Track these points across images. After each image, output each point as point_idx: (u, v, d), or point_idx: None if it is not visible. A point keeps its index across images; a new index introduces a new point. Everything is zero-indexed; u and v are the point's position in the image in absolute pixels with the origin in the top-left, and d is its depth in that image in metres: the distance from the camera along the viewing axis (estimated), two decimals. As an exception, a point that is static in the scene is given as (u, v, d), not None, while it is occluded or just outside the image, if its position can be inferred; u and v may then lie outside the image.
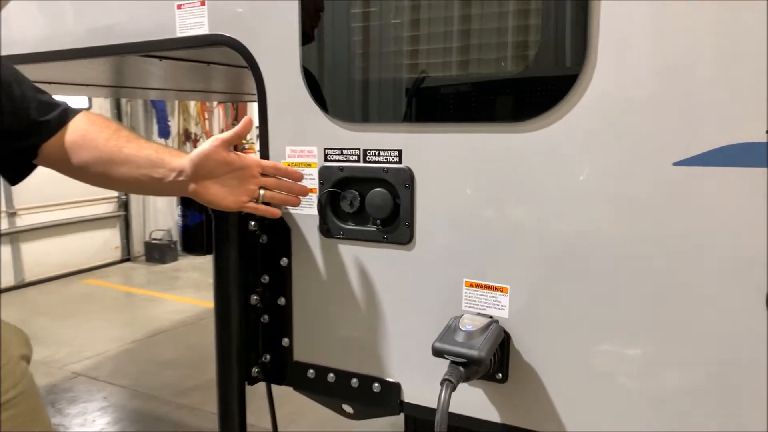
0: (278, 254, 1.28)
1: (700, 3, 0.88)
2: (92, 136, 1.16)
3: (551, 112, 0.98)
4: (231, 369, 1.31)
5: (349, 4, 1.12)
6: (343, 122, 1.17)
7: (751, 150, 0.87)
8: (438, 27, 1.06)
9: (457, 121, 1.07)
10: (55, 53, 1.54)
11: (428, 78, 1.09)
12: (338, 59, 1.16)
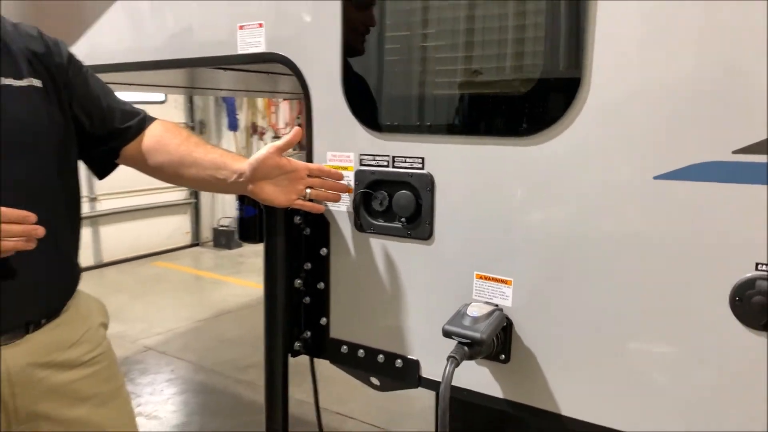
0: (319, 245, 1.47)
1: (681, 40, 1.01)
2: (165, 141, 1.38)
3: (549, 130, 1.13)
4: (276, 342, 1.52)
5: (382, 34, 1.30)
6: (376, 132, 1.35)
7: (720, 167, 1.00)
8: (455, 52, 1.22)
9: (471, 135, 1.23)
10: (138, 64, 1.78)
11: (447, 96, 1.25)
12: (372, 79, 1.34)
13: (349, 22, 1.34)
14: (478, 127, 1.22)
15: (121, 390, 1.45)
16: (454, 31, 1.22)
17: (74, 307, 1.38)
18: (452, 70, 1.24)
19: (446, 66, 1.25)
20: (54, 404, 1.28)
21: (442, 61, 1.25)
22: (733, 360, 1.02)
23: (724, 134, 0.98)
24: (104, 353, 1.43)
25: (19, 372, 1.22)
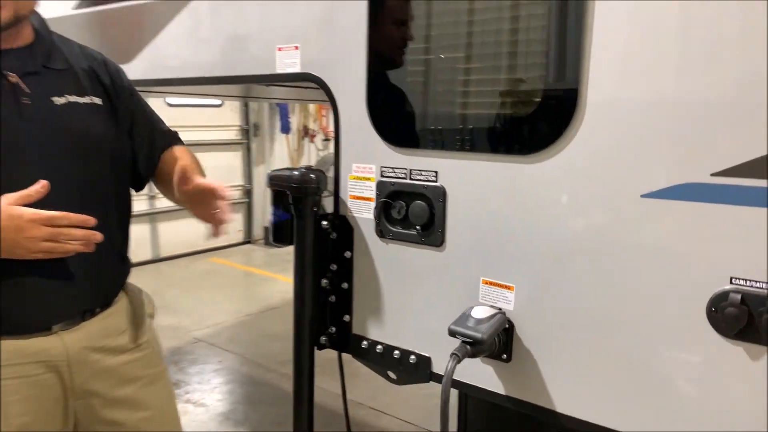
0: (343, 248, 1.61)
1: (662, 75, 1.10)
2: (175, 160, 1.58)
3: (547, 150, 1.23)
4: (304, 336, 1.66)
5: (401, 60, 1.43)
6: (396, 147, 1.47)
7: (699, 189, 1.08)
8: (464, 76, 1.34)
9: (479, 152, 1.34)
10: (195, 79, 1.96)
11: (457, 116, 1.37)
12: (393, 99, 1.47)
13: (373, 48, 1.47)
14: (486, 145, 1.34)
15: (163, 374, 1.62)
16: (460, 59, 1.34)
17: (124, 298, 1.56)
18: (462, 93, 1.35)
19: (456, 88, 1.36)
20: (105, 383, 1.46)
21: (453, 84, 1.37)
22: (710, 366, 1.10)
23: (704, 158, 1.07)
24: (149, 340, 1.60)
25: (76, 354, 1.40)
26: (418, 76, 1.43)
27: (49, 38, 1.47)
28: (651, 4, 1.10)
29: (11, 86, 1.34)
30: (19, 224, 1.24)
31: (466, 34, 1.34)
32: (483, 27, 1.32)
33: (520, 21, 1.27)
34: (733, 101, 1.04)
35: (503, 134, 1.32)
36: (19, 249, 1.26)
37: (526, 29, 1.26)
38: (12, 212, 1.24)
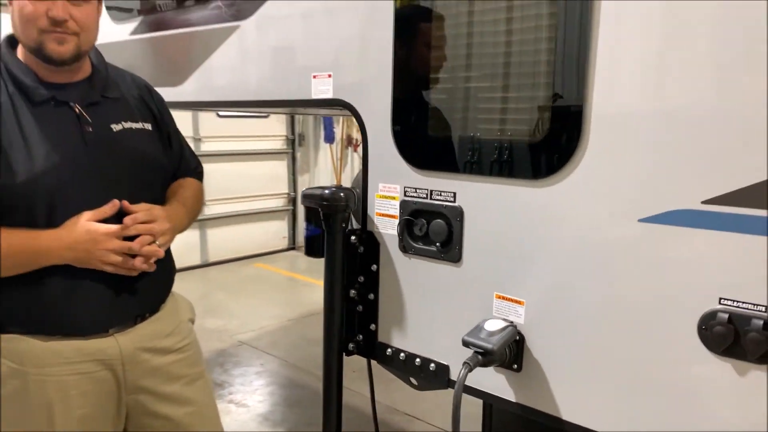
0: (370, 262, 1.73)
1: (655, 111, 1.19)
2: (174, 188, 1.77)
3: (555, 176, 1.33)
4: (333, 342, 1.79)
5: (423, 90, 1.55)
6: (418, 169, 1.59)
7: (691, 215, 1.16)
8: (481, 103, 1.45)
9: (493, 175, 1.45)
10: (240, 102, 2.13)
11: (474, 143, 1.48)
12: (415, 125, 1.59)
13: (397, 78, 1.60)
14: (499, 169, 1.44)
15: (203, 373, 1.77)
16: (473, 91, 1.45)
17: (169, 305, 1.72)
18: (476, 121, 1.47)
19: (471, 117, 1.47)
20: (153, 381, 1.62)
21: (468, 113, 1.48)
22: (701, 379, 1.18)
23: (694, 187, 1.15)
24: (191, 343, 1.76)
25: (129, 354, 1.57)
26: (438, 103, 1.55)
27: (104, 70, 1.65)
28: (652, 52, 1.19)
29: (76, 116, 1.52)
30: (95, 237, 1.43)
31: (479, 66, 1.45)
32: (495, 60, 1.43)
33: (526, 55, 1.37)
34: (719, 142, 1.12)
35: (514, 160, 1.42)
36: (93, 260, 1.45)
37: (533, 64, 1.36)
38: (89, 227, 1.43)
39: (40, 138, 1.46)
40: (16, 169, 1.42)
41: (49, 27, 1.44)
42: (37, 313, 1.47)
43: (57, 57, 1.47)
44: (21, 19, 1.46)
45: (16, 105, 1.47)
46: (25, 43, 1.49)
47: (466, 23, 1.47)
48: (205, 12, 2.15)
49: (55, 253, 1.44)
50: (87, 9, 1.51)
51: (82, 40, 1.50)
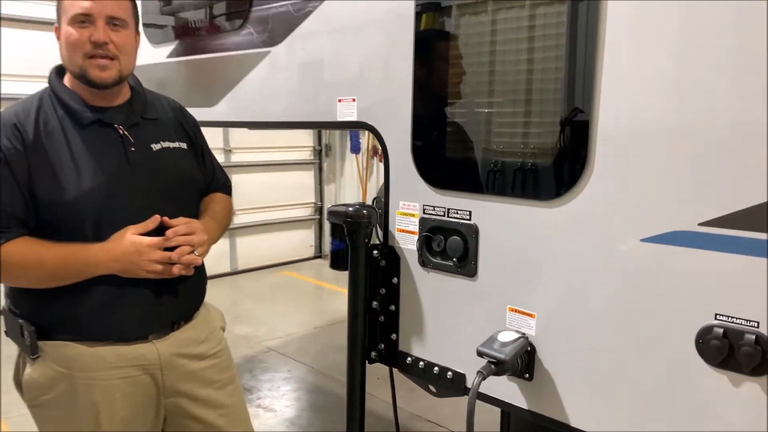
0: (391, 275, 1.84)
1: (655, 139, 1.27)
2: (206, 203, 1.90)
3: (563, 198, 1.42)
4: (357, 351, 1.89)
5: (439, 114, 1.65)
6: (436, 189, 1.69)
7: (689, 236, 1.25)
8: (494, 128, 1.55)
9: (506, 195, 1.54)
10: (270, 123, 2.26)
11: (487, 165, 1.57)
12: (434, 148, 1.69)
13: (416, 103, 1.70)
14: (511, 190, 1.54)
15: (234, 378, 1.89)
16: (486, 116, 1.55)
17: (202, 313, 1.85)
18: (492, 145, 1.56)
19: (487, 141, 1.57)
20: (189, 385, 1.74)
21: (482, 136, 1.58)
22: (699, 389, 1.26)
23: (692, 210, 1.23)
24: (222, 349, 1.88)
25: (167, 359, 1.69)
26: (453, 128, 1.65)
27: (142, 93, 1.79)
28: (656, 80, 1.28)
29: (120, 137, 1.66)
30: (140, 249, 1.57)
31: (492, 93, 1.55)
32: (505, 87, 1.53)
33: (535, 84, 1.47)
34: (712, 169, 1.20)
35: (526, 183, 1.51)
36: (138, 269, 1.58)
37: (540, 91, 1.46)
38: (135, 240, 1.56)
39: (88, 158, 1.60)
40: (66, 187, 1.56)
41: (91, 51, 1.58)
42: (84, 322, 1.61)
43: (100, 82, 1.61)
44: (67, 46, 1.61)
45: (65, 128, 1.61)
46: (71, 69, 1.63)
47: (465, 61, 1.57)
48: (237, 38, 2.28)
49: (103, 265, 1.57)
50: (125, 34, 1.65)
51: (122, 64, 1.64)
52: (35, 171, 1.55)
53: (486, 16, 1.57)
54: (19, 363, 1.68)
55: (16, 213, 1.55)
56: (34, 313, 1.62)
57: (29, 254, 1.55)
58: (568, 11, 1.40)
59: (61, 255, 1.55)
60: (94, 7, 1.57)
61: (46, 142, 1.58)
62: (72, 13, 1.58)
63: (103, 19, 1.59)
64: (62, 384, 1.60)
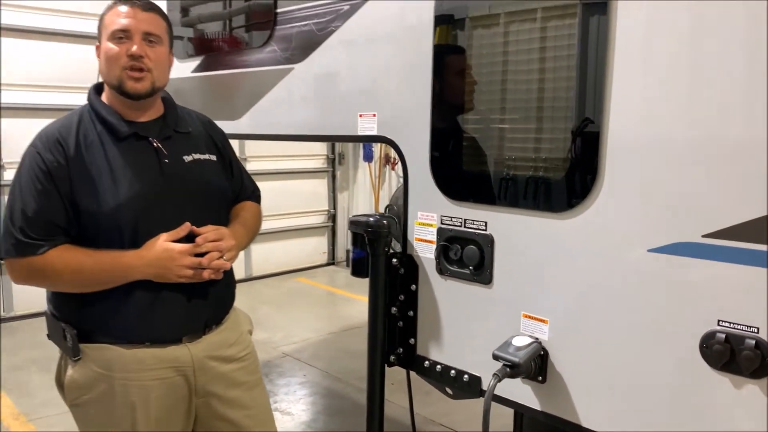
0: (410, 282, 1.93)
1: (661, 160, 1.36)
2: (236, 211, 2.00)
3: (574, 210, 1.51)
4: (377, 354, 1.98)
5: (457, 131, 1.75)
6: (453, 200, 1.78)
7: (693, 246, 1.33)
8: (509, 142, 1.64)
9: (520, 207, 1.63)
10: (293, 136, 2.36)
11: (502, 178, 1.66)
12: (451, 162, 1.78)
13: (434, 119, 1.80)
14: (525, 202, 1.62)
15: (260, 380, 1.99)
16: (499, 132, 1.65)
17: (232, 317, 1.95)
18: (506, 158, 1.65)
19: (502, 155, 1.66)
20: (220, 386, 1.84)
21: (497, 151, 1.67)
22: (702, 391, 1.34)
23: (696, 222, 1.32)
24: (250, 352, 1.98)
25: (199, 361, 1.79)
26: (471, 141, 1.74)
27: (175, 109, 1.90)
28: (658, 101, 1.37)
29: (155, 149, 1.76)
30: (172, 255, 1.66)
31: (506, 107, 1.65)
32: (518, 101, 1.62)
33: (549, 102, 1.56)
34: (714, 183, 1.29)
35: (539, 195, 1.60)
36: (171, 274, 1.68)
37: (551, 109, 1.55)
38: (167, 246, 1.66)
39: (125, 169, 1.70)
40: (105, 196, 1.67)
41: (128, 63, 1.70)
42: (123, 326, 1.71)
43: (134, 93, 1.72)
44: (107, 60, 1.73)
45: (103, 141, 1.72)
46: (109, 81, 1.75)
47: (481, 78, 1.67)
48: (261, 55, 2.39)
49: (138, 270, 1.67)
50: (160, 50, 1.77)
51: (155, 77, 1.75)
52: (76, 182, 1.66)
53: (498, 30, 1.66)
54: (61, 365, 1.78)
55: (59, 222, 1.65)
56: (76, 317, 1.72)
57: (71, 260, 1.65)
58: (579, 25, 1.49)
59: (99, 261, 1.65)
60: (131, 24, 1.70)
61: (85, 155, 1.68)
62: (112, 29, 1.70)
63: (140, 34, 1.70)
64: (101, 384, 1.70)
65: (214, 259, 1.73)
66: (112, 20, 1.72)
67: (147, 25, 1.72)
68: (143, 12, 1.73)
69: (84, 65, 5.76)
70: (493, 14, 1.67)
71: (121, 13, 1.71)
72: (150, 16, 1.74)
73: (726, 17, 1.26)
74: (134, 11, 1.71)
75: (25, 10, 5.62)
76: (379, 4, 1.95)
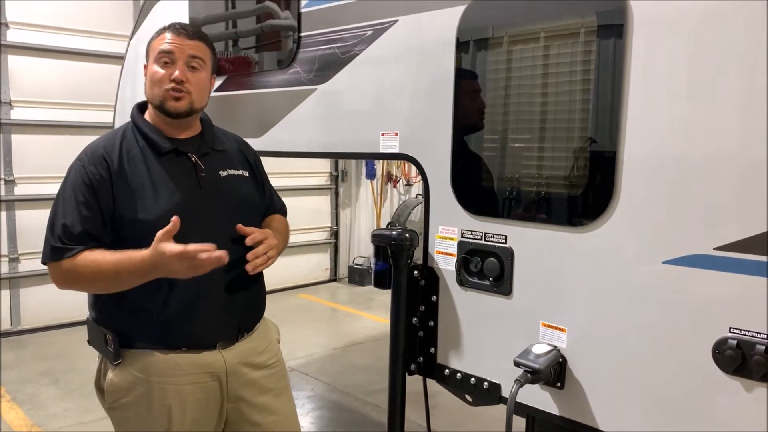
0: (430, 293, 2.02)
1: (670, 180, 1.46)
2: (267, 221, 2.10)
3: (592, 225, 1.61)
4: (398, 363, 2.07)
5: (477, 148, 1.85)
6: (474, 215, 1.88)
7: (705, 258, 1.43)
8: (528, 160, 1.74)
9: (540, 222, 1.73)
10: (317, 153, 2.46)
11: (523, 193, 1.76)
12: (471, 178, 1.88)
13: (456, 137, 1.90)
14: (545, 216, 1.72)
15: (288, 387, 2.07)
16: (519, 151, 1.75)
17: (262, 326, 2.03)
18: (526, 175, 1.76)
19: (521, 171, 1.77)
20: (250, 392, 1.92)
21: (517, 168, 1.77)
22: (716, 395, 1.43)
23: (707, 235, 1.42)
24: (278, 360, 2.06)
25: (232, 367, 1.87)
26: (489, 158, 1.84)
27: (211, 128, 2.00)
28: (671, 121, 1.48)
29: (193, 165, 1.86)
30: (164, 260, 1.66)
31: (525, 126, 1.75)
32: (535, 125, 1.72)
33: (564, 124, 1.67)
34: (728, 197, 1.39)
35: (557, 210, 1.70)
36: (173, 273, 1.69)
37: (568, 131, 1.66)
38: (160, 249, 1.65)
39: (165, 181, 1.80)
40: (146, 207, 1.76)
41: (170, 86, 1.80)
42: (162, 332, 1.79)
43: (174, 111, 1.83)
44: (152, 82, 1.84)
45: (145, 156, 1.82)
46: (152, 100, 1.85)
47: (501, 97, 1.78)
48: (285, 76, 2.50)
49: (146, 270, 1.69)
50: (201, 75, 1.88)
51: (194, 98, 1.85)
52: (119, 193, 1.76)
53: (517, 51, 1.77)
54: (101, 369, 1.86)
55: (91, 231, 1.74)
56: (117, 323, 1.80)
57: (93, 261, 1.71)
58: (596, 50, 1.59)
59: (114, 261, 1.71)
60: (176, 51, 1.81)
61: (128, 168, 1.78)
62: (158, 52, 1.81)
63: (184, 59, 1.81)
64: (140, 388, 1.78)
65: (259, 255, 1.84)
66: (160, 46, 1.83)
67: (191, 51, 1.85)
68: (189, 39, 1.84)
69: (94, 83, 5.92)
70: (510, 36, 1.78)
71: (168, 40, 1.83)
72: (194, 44, 1.85)
73: (739, 42, 1.38)
74: (180, 39, 1.83)
75: (36, 29, 5.74)
76: (401, 30, 2.06)
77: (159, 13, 3.14)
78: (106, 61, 5.87)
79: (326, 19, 2.31)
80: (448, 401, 2.02)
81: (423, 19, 1.98)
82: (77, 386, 4.44)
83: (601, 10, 1.58)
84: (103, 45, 6.03)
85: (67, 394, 4.38)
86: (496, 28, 1.80)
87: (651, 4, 1.49)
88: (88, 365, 2.05)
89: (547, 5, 1.69)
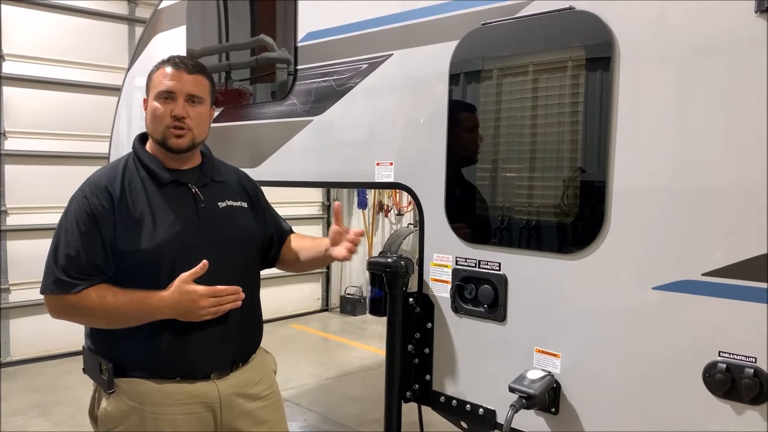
0: (425, 320, 2.04)
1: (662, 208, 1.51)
2: (290, 242, 2.13)
3: (583, 252, 1.65)
4: (394, 390, 2.08)
5: (470, 179, 1.89)
6: (468, 243, 1.92)
7: (694, 284, 1.47)
8: (520, 189, 1.79)
9: (533, 249, 1.77)
10: (313, 183, 2.50)
11: (515, 221, 1.80)
12: (465, 207, 1.92)
13: (450, 168, 1.94)
14: (537, 244, 1.76)
15: (284, 419, 2.07)
16: (511, 180, 1.80)
17: (258, 357, 2.04)
18: (518, 203, 1.80)
19: (514, 200, 1.81)
20: (245, 423, 1.91)
21: (509, 198, 1.82)
22: (707, 418, 1.45)
23: (696, 262, 1.46)
24: (274, 391, 2.06)
25: (226, 398, 1.87)
26: (482, 188, 1.89)
27: (211, 160, 2.04)
28: (658, 151, 1.53)
29: (192, 195, 1.89)
30: (193, 297, 1.75)
31: (516, 156, 1.80)
32: (527, 156, 1.77)
33: (556, 154, 1.71)
34: (715, 224, 1.43)
35: (549, 238, 1.74)
36: (193, 315, 1.76)
37: (559, 161, 1.70)
38: (188, 289, 1.75)
39: (165, 211, 1.83)
40: (146, 236, 1.78)
41: (172, 123, 1.84)
42: (156, 361, 1.80)
43: (176, 147, 1.86)
44: (153, 118, 1.87)
45: (146, 186, 1.85)
46: (154, 136, 1.89)
47: (493, 128, 1.83)
48: (281, 108, 2.55)
49: (160, 311, 1.76)
50: (201, 109, 1.91)
51: (195, 133, 1.89)
52: (120, 222, 1.78)
53: (507, 84, 1.82)
54: (95, 397, 1.86)
55: (98, 262, 1.76)
56: (112, 352, 1.81)
57: (102, 300, 1.75)
58: (584, 83, 1.65)
59: (126, 301, 1.75)
60: (176, 87, 1.84)
61: (129, 198, 1.81)
62: (158, 90, 1.84)
63: (184, 96, 1.85)
64: (133, 417, 1.78)
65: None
66: (159, 81, 1.86)
67: (191, 87, 1.87)
68: (188, 74, 1.87)
69: (87, 114, 5.96)
70: (500, 69, 1.83)
71: (168, 75, 1.86)
72: (194, 78, 1.88)
73: (722, 75, 1.44)
74: (180, 74, 1.86)
75: (31, 61, 5.79)
76: (396, 63, 2.12)
77: (157, 46, 3.20)
78: (99, 92, 5.93)
79: (322, 52, 2.37)
80: (440, 426, 2.02)
81: (417, 53, 2.04)
82: (67, 417, 4.38)
83: (588, 44, 1.64)
84: (95, 76, 6.08)
85: (57, 425, 4.32)
86: (486, 61, 1.86)
87: (637, 38, 1.56)
88: (78, 397, 2.05)
89: (536, 40, 1.75)
